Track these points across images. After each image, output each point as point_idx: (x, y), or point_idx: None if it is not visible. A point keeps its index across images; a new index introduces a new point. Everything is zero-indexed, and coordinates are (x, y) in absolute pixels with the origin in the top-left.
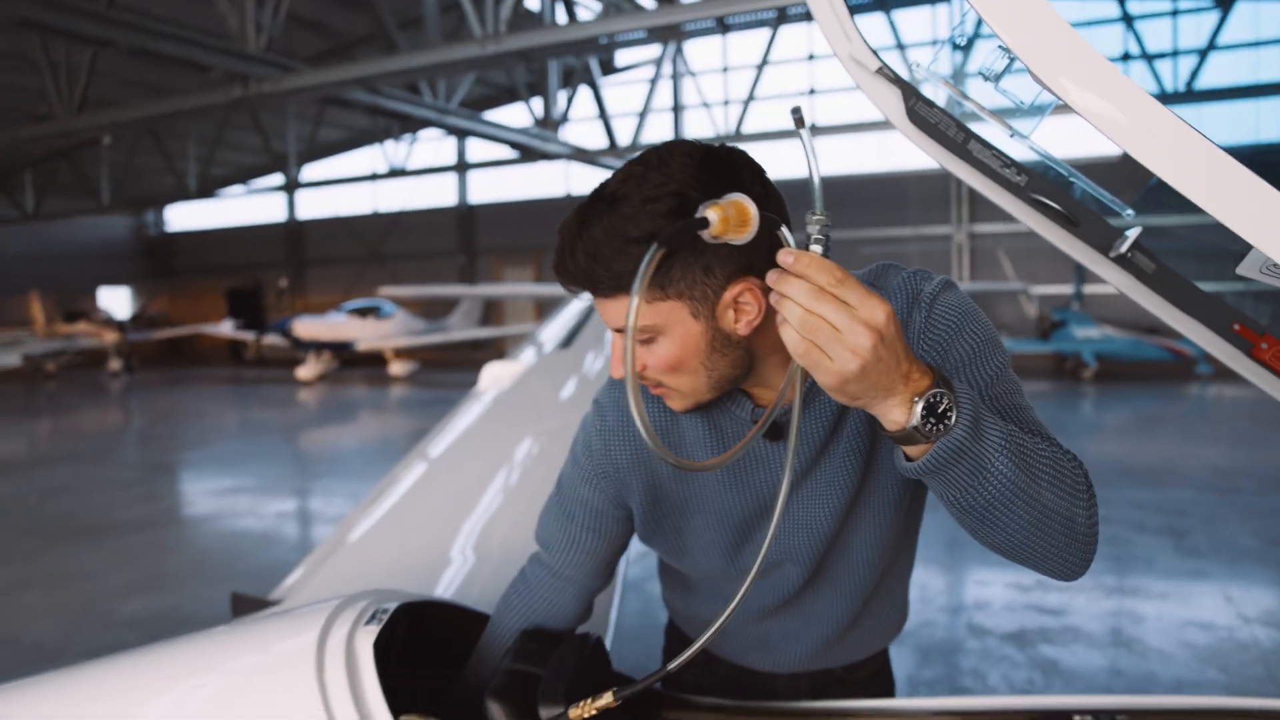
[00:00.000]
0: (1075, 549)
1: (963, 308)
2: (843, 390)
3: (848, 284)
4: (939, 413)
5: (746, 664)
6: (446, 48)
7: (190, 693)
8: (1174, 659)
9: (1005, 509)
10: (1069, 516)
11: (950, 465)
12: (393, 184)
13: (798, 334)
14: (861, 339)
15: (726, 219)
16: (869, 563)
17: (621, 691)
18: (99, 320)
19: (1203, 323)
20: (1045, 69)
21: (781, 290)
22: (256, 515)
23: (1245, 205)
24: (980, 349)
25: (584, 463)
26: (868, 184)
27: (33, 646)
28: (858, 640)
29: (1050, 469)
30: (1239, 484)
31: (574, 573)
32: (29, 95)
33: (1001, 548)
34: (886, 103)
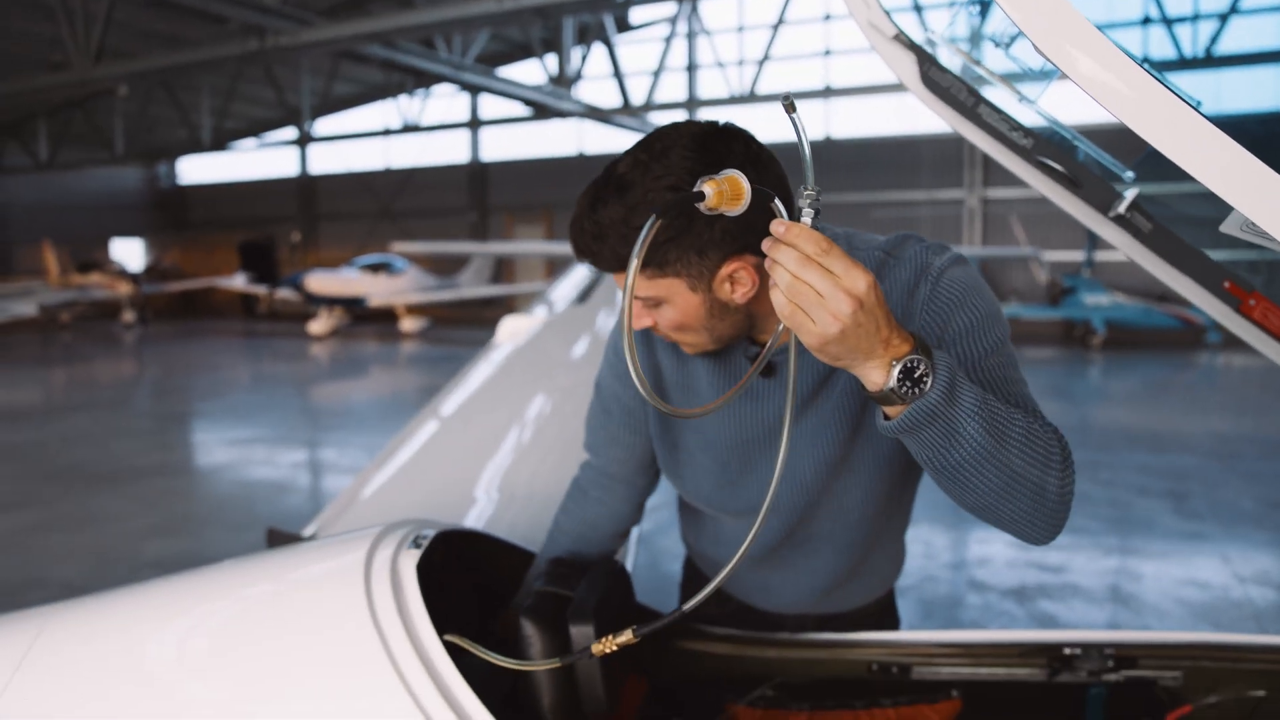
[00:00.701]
0: (1043, 515)
1: (967, 283)
2: (824, 351)
3: (832, 254)
4: (915, 377)
5: (755, 604)
6: (464, 2)
7: (242, 606)
8: (1169, 615)
9: (975, 471)
10: (1039, 484)
11: (923, 426)
12: (406, 140)
13: (785, 297)
14: (842, 305)
15: (721, 193)
16: (864, 518)
17: (641, 629)
18: (112, 271)
19: (1196, 280)
20: (1043, 38)
21: (774, 256)
22: (272, 464)
23: (1225, 168)
24: (979, 323)
25: (614, 360)
26: (882, 147)
27: (62, 585)
28: (856, 589)
29: (1022, 438)
30: (1241, 449)
31: (619, 469)
32: (45, 43)
33: (973, 508)
34: (902, 67)
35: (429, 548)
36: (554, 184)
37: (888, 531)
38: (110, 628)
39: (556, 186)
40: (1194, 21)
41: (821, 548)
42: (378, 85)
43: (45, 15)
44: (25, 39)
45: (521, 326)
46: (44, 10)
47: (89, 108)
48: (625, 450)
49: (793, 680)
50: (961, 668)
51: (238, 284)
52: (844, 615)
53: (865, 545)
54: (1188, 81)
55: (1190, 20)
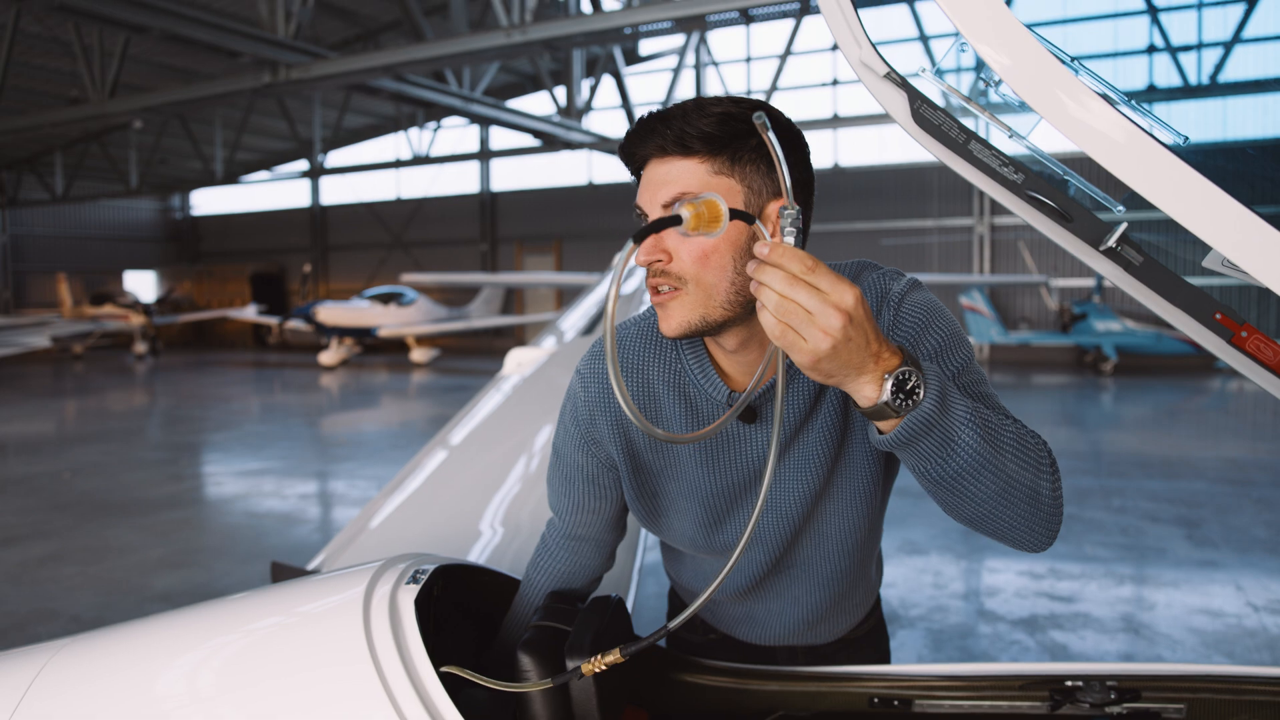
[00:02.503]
0: (1041, 519)
1: (929, 306)
2: (817, 368)
3: (819, 271)
4: (907, 389)
5: (740, 637)
6: (473, 36)
7: (243, 643)
8: (1182, 644)
9: (973, 479)
10: (1034, 488)
11: (919, 437)
12: (416, 171)
13: (774, 318)
14: (832, 320)
15: (699, 215)
16: (843, 548)
17: (627, 648)
18: (125, 303)
19: (1187, 312)
20: (1024, 85)
21: (759, 278)
22: (281, 496)
23: (1198, 207)
24: (946, 343)
25: (572, 430)
26: (890, 175)
27: (70, 618)
28: (839, 619)
29: (1014, 442)
30: (1254, 476)
31: (585, 531)
32: (62, 78)
33: (972, 519)
34: (893, 105)
35: (429, 581)
36: (563, 214)
37: (864, 559)
38: (112, 664)
39: (566, 217)
40: (1185, 52)
41: (803, 579)
42: (388, 117)
43: (63, 51)
44: (43, 75)
45: (529, 358)
46: (61, 46)
47: (104, 141)
48: (591, 515)
49: (793, 713)
50: (963, 700)
51: (249, 315)
52: (833, 643)
53: (846, 575)
54: (1173, 110)
55: (1183, 50)
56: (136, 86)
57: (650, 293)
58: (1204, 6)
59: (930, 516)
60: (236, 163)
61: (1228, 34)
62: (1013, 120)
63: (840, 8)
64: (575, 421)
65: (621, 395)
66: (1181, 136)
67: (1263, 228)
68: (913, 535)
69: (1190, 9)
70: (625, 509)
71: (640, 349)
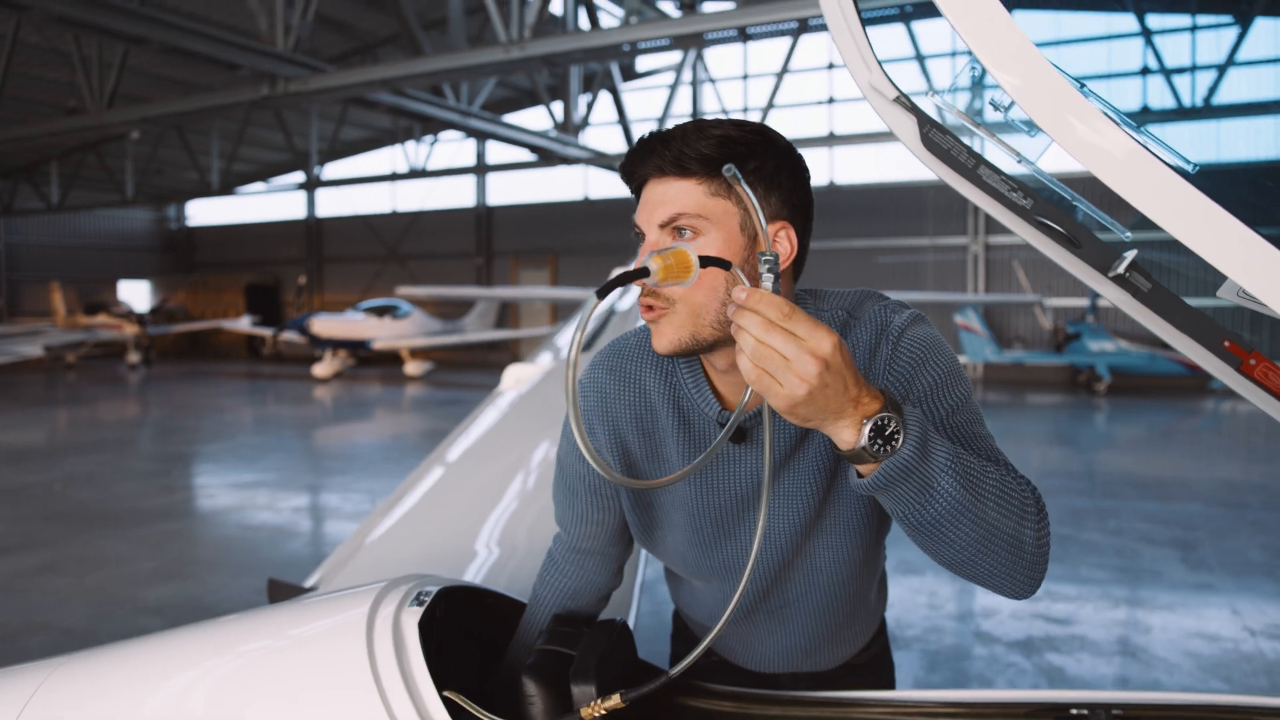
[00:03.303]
0: (1022, 568)
1: (928, 341)
2: (793, 413)
3: (795, 317)
4: (886, 435)
5: (740, 664)
6: (472, 51)
7: (244, 663)
8: (1179, 668)
9: (952, 526)
10: (1015, 536)
11: (897, 483)
12: (412, 184)
13: (750, 362)
14: (808, 367)
15: (669, 267)
16: (836, 581)
17: (628, 694)
18: (119, 313)
19: (1195, 339)
20: (1036, 110)
21: (739, 323)
22: (274, 509)
23: (1214, 237)
24: (942, 381)
25: (573, 439)
26: (885, 193)
27: (62, 631)
28: (839, 648)
29: (996, 491)
30: (1248, 498)
31: (591, 544)
32: (61, 89)
33: (952, 564)
34: (903, 129)
35: (431, 603)
36: (559, 229)
37: (861, 592)
38: (110, 684)
39: (562, 231)
40: (1190, 73)
41: (795, 613)
42: (385, 130)
43: (62, 61)
44: (41, 85)
45: (527, 374)
46: (60, 57)
47: (100, 151)
48: (596, 526)
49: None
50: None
51: (243, 326)
52: (836, 669)
53: (842, 606)
54: (1187, 132)
55: (1188, 71)
56: (134, 97)
57: (642, 310)
58: (1198, 30)
59: None
60: (233, 174)
61: (1221, 57)
62: (1021, 144)
63: (850, 31)
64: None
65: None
66: (1191, 164)
67: (1274, 256)
68: (908, 555)
69: (1184, 32)
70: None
71: (639, 360)
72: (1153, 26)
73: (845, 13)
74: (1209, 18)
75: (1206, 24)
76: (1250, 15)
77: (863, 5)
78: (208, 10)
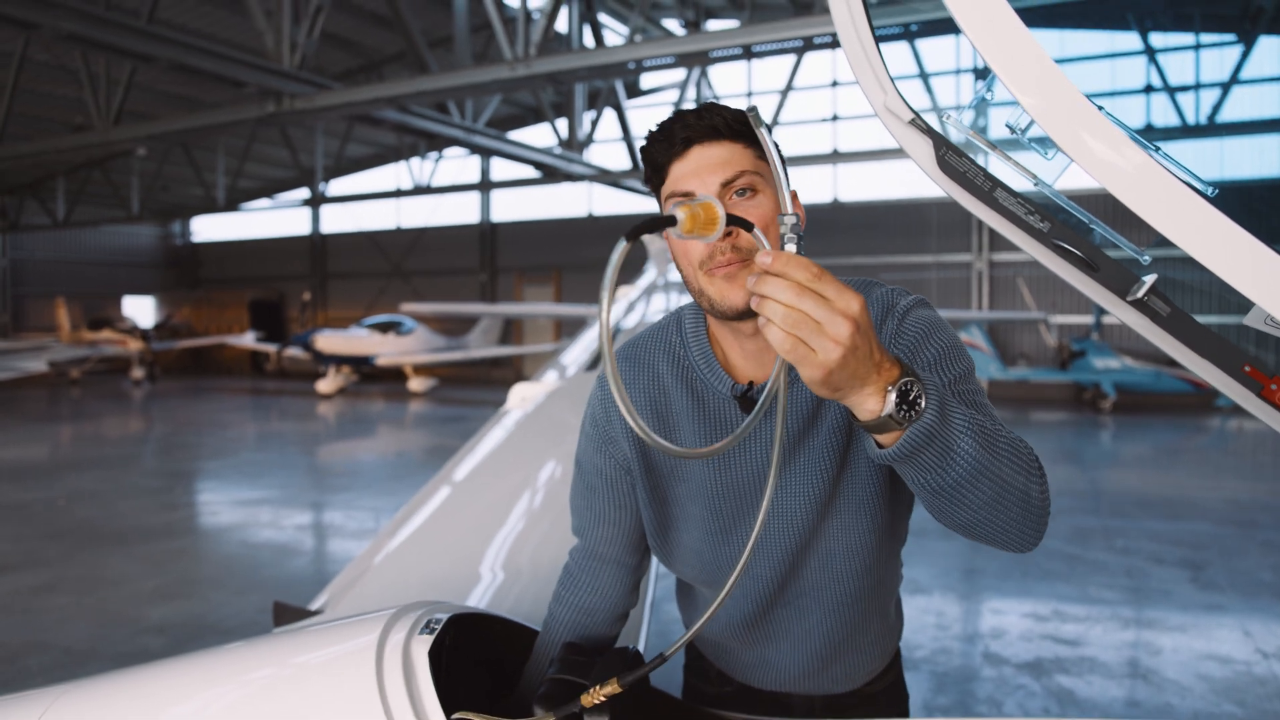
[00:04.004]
0: (1030, 521)
1: (932, 320)
2: (827, 382)
3: (825, 279)
4: (910, 399)
5: (755, 684)
6: (477, 69)
7: (253, 691)
8: (1190, 691)
9: (971, 487)
10: (1025, 491)
11: (922, 449)
12: (417, 201)
13: (782, 331)
14: (841, 328)
15: (695, 217)
16: (852, 570)
17: (625, 678)
18: (123, 328)
19: (1215, 364)
20: (1058, 131)
21: (762, 291)
22: (278, 526)
23: (1244, 264)
24: (946, 353)
25: (591, 433)
26: (889, 210)
27: (63, 650)
28: (855, 661)
29: (1009, 448)
30: (1258, 517)
31: (608, 550)
32: (68, 105)
33: (966, 525)
34: (918, 152)
35: (440, 631)
36: (563, 246)
37: (876, 595)
38: (116, 713)
39: (566, 248)
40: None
41: (812, 606)
42: (390, 147)
43: (69, 79)
44: (49, 102)
45: (532, 393)
46: (68, 74)
47: (107, 167)
48: (613, 528)
49: None
50: None
51: (247, 342)
52: (850, 694)
53: (858, 602)
54: (1202, 151)
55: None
56: (141, 114)
57: (717, 270)
58: (1201, 48)
59: (933, 555)
60: (238, 190)
61: (1225, 75)
62: (1038, 166)
63: (865, 52)
64: (594, 423)
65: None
66: (1210, 184)
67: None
68: (915, 574)
69: (1188, 50)
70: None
71: (651, 347)
72: (1165, 44)
73: (860, 33)
74: (1217, 36)
75: (1211, 42)
76: (1254, 34)
77: (877, 24)
78: (214, 28)
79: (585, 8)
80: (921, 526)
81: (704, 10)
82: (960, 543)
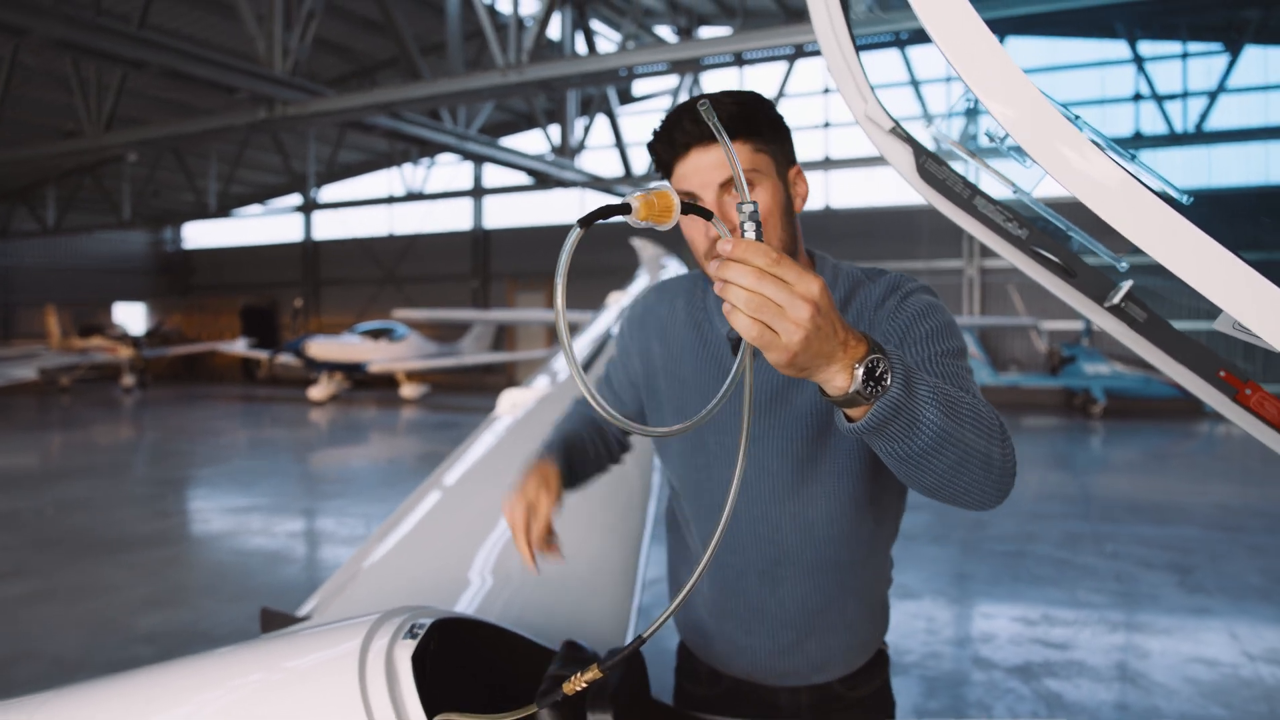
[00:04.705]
0: (993, 482)
1: (932, 303)
2: (793, 363)
3: (784, 263)
4: (876, 375)
5: (735, 669)
6: (469, 76)
7: (235, 696)
8: (1178, 694)
9: (937, 453)
10: (987, 454)
11: (889, 422)
12: (409, 207)
13: (746, 316)
14: (802, 311)
15: (649, 204)
16: (829, 537)
17: (605, 662)
18: (114, 335)
19: (1190, 369)
20: (1028, 141)
21: (725, 277)
22: (269, 534)
23: (1210, 271)
24: (940, 329)
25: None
26: (881, 217)
27: (52, 660)
28: (833, 642)
29: (971, 414)
30: (1245, 521)
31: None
32: (58, 111)
33: (932, 488)
34: (899, 159)
35: (425, 636)
36: (556, 252)
37: (855, 572)
38: (101, 718)
39: (558, 254)
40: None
41: (789, 574)
42: (382, 153)
43: (60, 84)
44: (39, 108)
45: (522, 399)
46: (58, 80)
47: (97, 173)
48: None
49: None
50: None
51: (239, 349)
52: (838, 688)
53: (832, 575)
54: (1180, 159)
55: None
56: (132, 120)
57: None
58: (1189, 57)
59: (923, 560)
60: (230, 196)
61: (1213, 83)
62: (1017, 174)
63: (845, 61)
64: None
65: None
66: (1184, 193)
67: (1270, 290)
68: (906, 579)
69: (1175, 59)
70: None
71: (678, 286)
72: (1143, 54)
73: (840, 43)
74: (1199, 45)
75: (1197, 51)
76: (1240, 43)
77: (858, 33)
78: (206, 34)
79: (578, 15)
80: (912, 532)
81: (696, 17)
82: (951, 548)
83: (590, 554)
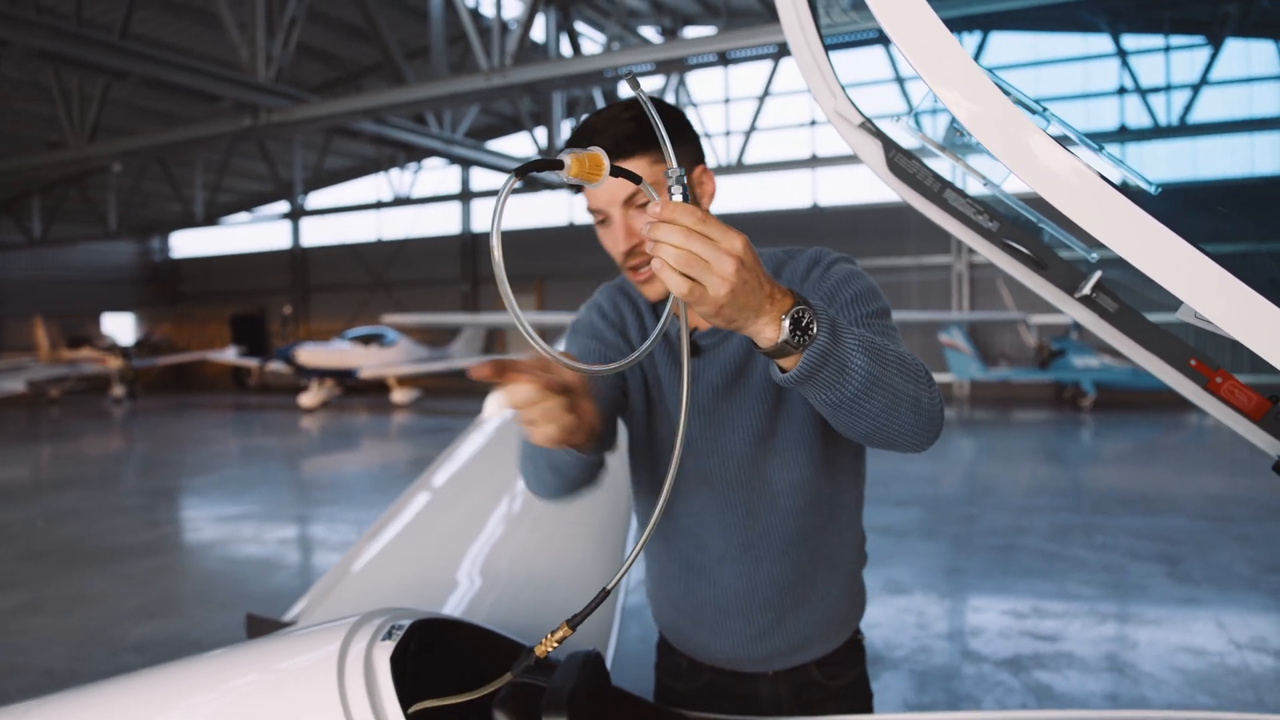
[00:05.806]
0: (922, 424)
1: (853, 271)
2: (720, 315)
3: (709, 222)
4: (803, 325)
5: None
6: (453, 80)
7: (215, 700)
8: (1166, 684)
9: (867, 398)
10: (915, 397)
11: (819, 369)
12: (397, 212)
13: (677, 273)
14: (726, 265)
15: (580, 163)
16: (796, 509)
17: (574, 620)
18: (103, 346)
19: (1162, 358)
20: (985, 134)
21: (655, 237)
22: (260, 542)
23: (1165, 260)
24: (864, 294)
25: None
26: (868, 214)
27: (42, 672)
28: (808, 620)
29: (897, 360)
30: (1233, 512)
31: None
32: (42, 122)
33: (867, 434)
34: (869, 154)
35: (406, 635)
36: (545, 254)
37: (824, 541)
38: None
39: (547, 257)
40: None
41: (762, 554)
42: (369, 159)
43: (42, 95)
44: (23, 119)
45: None
46: (41, 90)
47: (83, 184)
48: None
49: None
50: None
51: (229, 357)
52: (815, 671)
53: (803, 546)
54: (1141, 153)
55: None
56: (116, 130)
57: (628, 274)
58: (1171, 50)
59: (914, 555)
60: (217, 204)
61: (1195, 76)
62: (986, 168)
63: (814, 58)
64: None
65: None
66: (1153, 185)
67: (1228, 281)
68: (896, 574)
69: (1158, 52)
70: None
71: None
72: (1110, 48)
73: (809, 40)
74: (1180, 38)
75: (1179, 44)
76: (1221, 36)
77: (826, 33)
78: (189, 42)
79: (562, 16)
80: (903, 528)
81: (680, 18)
82: (942, 543)
83: (575, 555)
